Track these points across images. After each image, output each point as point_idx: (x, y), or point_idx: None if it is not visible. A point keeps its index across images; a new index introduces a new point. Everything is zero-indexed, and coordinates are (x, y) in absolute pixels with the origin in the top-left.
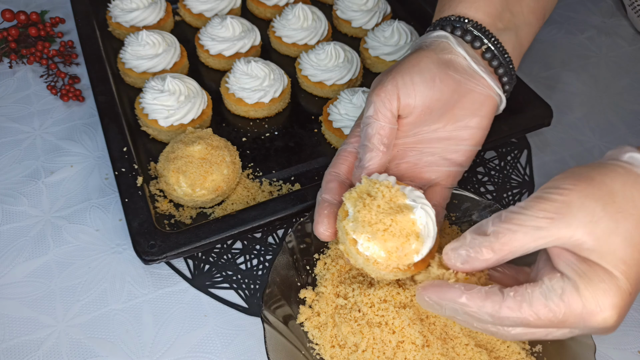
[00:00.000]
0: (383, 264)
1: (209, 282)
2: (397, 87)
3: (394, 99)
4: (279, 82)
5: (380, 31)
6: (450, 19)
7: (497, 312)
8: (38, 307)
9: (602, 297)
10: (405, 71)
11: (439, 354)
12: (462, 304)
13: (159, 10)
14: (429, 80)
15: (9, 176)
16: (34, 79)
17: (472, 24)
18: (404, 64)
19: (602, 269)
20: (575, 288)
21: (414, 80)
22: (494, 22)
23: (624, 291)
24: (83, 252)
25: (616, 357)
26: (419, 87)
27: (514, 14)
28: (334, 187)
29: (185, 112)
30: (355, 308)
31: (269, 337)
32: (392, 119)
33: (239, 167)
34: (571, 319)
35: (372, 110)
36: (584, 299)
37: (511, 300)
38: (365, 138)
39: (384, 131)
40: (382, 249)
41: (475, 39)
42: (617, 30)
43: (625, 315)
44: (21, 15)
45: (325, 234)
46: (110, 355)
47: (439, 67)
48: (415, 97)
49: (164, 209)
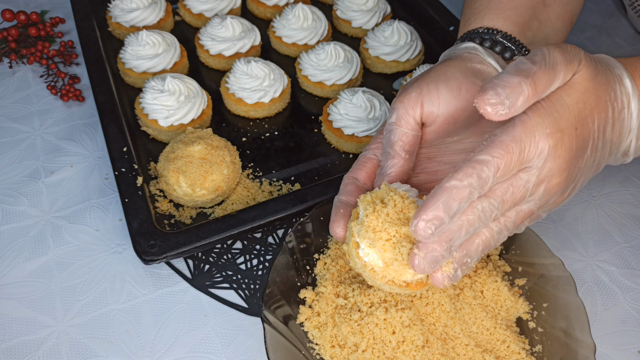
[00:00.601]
0: (379, 274)
1: (209, 282)
2: (422, 95)
3: (418, 106)
4: (279, 82)
5: (380, 31)
6: (479, 31)
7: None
8: (38, 307)
9: (552, 124)
10: (430, 79)
11: (439, 354)
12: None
13: (159, 10)
14: (455, 89)
15: (9, 176)
16: (34, 79)
17: (501, 34)
18: (430, 73)
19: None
20: (523, 123)
21: (439, 88)
22: (522, 31)
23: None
24: (83, 252)
25: (616, 357)
26: (444, 95)
27: (542, 22)
28: (351, 189)
29: (185, 112)
30: (355, 308)
31: (269, 337)
32: (415, 126)
33: (239, 167)
34: (523, 151)
35: (394, 117)
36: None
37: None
38: (388, 145)
39: (407, 138)
40: (381, 258)
41: (505, 49)
42: (617, 30)
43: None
44: (21, 15)
45: (340, 234)
46: (110, 355)
47: (466, 77)
48: (440, 105)
49: (164, 209)
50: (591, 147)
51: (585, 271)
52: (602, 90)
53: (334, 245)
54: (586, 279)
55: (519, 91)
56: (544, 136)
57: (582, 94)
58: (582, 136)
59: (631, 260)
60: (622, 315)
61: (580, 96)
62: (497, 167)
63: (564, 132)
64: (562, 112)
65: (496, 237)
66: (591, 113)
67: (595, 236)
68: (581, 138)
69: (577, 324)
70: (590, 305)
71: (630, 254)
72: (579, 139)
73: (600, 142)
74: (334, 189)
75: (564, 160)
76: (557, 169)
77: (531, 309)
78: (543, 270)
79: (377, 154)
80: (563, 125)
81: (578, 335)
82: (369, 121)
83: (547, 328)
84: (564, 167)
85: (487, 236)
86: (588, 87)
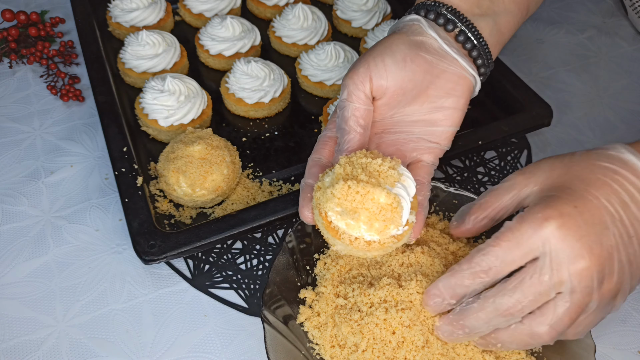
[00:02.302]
0: (347, 237)
1: (209, 282)
2: (369, 69)
3: (367, 81)
4: (279, 82)
5: (380, 31)
6: (426, 4)
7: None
8: (38, 307)
9: (542, 209)
10: (376, 53)
11: (439, 354)
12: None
13: (159, 10)
14: (400, 60)
15: (9, 176)
16: (34, 79)
17: (446, 7)
18: (375, 47)
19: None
20: (520, 216)
21: (385, 61)
22: (470, 8)
23: (567, 208)
24: (83, 252)
25: (616, 357)
26: (390, 67)
27: (493, 2)
28: (316, 171)
29: (185, 112)
30: (355, 308)
31: (269, 337)
32: (366, 100)
33: (239, 167)
34: (522, 238)
35: (346, 94)
36: (528, 216)
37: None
38: (342, 121)
39: (359, 112)
40: (353, 220)
41: (448, 22)
42: (617, 30)
43: (574, 227)
44: (21, 15)
45: (309, 217)
46: (110, 355)
47: (409, 48)
48: (387, 77)
49: (164, 209)
50: (611, 221)
51: None
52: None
53: None
54: None
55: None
56: (540, 221)
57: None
58: (588, 212)
59: None
60: (622, 315)
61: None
62: (495, 256)
63: (563, 213)
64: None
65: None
66: (586, 190)
67: None
68: (588, 214)
69: None
70: None
71: None
72: (585, 215)
73: (624, 215)
74: None
75: (575, 239)
76: (571, 249)
77: None
78: None
79: (335, 132)
80: (563, 208)
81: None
82: None
83: None
84: (580, 246)
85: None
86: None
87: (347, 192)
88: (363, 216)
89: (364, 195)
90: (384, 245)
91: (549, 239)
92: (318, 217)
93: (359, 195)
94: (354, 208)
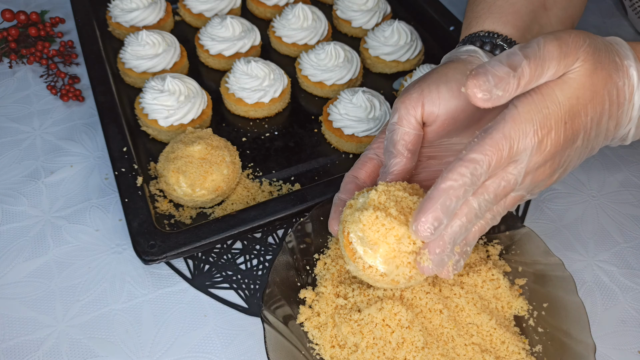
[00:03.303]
0: (375, 272)
1: (209, 282)
2: (423, 95)
3: (419, 106)
4: (279, 82)
5: (380, 31)
6: (479, 35)
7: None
8: (38, 307)
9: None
10: (431, 80)
11: (439, 355)
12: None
13: (159, 10)
14: (455, 89)
15: (9, 176)
16: (34, 79)
17: (501, 38)
18: (431, 74)
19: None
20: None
21: (439, 89)
22: (523, 35)
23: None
24: (83, 252)
25: (616, 357)
26: (444, 95)
27: (543, 26)
28: (351, 188)
29: (185, 112)
30: (355, 308)
31: (269, 337)
32: (416, 125)
33: (239, 167)
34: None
35: (396, 117)
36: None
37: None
38: (390, 144)
39: (409, 137)
40: (381, 257)
41: None
42: (617, 31)
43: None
44: (21, 15)
45: (337, 231)
46: (110, 355)
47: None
48: (440, 105)
49: (164, 209)
50: (582, 137)
51: (586, 271)
52: (601, 84)
53: (334, 245)
54: (586, 279)
55: (505, 83)
56: (532, 133)
57: (576, 90)
58: (571, 129)
59: (631, 260)
60: (622, 315)
61: (573, 92)
62: (488, 164)
63: (551, 127)
64: (552, 109)
65: (490, 222)
66: (584, 107)
67: (595, 236)
68: (570, 132)
69: (577, 324)
70: (590, 305)
71: (630, 254)
72: (568, 133)
73: (593, 132)
74: (334, 189)
75: (550, 153)
76: (543, 160)
77: (531, 309)
78: (543, 270)
79: (378, 153)
80: (552, 121)
81: (578, 335)
82: (369, 121)
83: (547, 328)
84: (549, 158)
85: (482, 224)
86: (584, 82)
87: (373, 222)
88: (382, 249)
89: (388, 229)
90: (395, 283)
91: (528, 149)
92: (341, 233)
93: (383, 228)
94: (376, 239)
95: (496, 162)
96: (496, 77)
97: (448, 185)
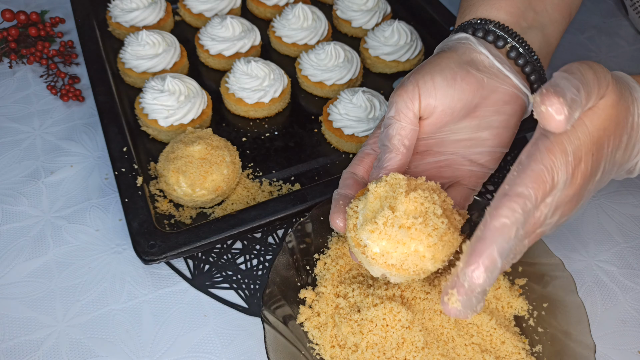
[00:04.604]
0: (380, 259)
1: (209, 282)
2: (418, 87)
3: (415, 99)
4: (279, 82)
5: (380, 31)
6: (472, 22)
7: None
8: (38, 307)
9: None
10: (425, 71)
11: (439, 355)
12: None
13: (159, 10)
14: (450, 79)
15: (9, 176)
16: (34, 79)
17: (494, 24)
18: (424, 65)
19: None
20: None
21: (434, 79)
22: (517, 21)
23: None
24: (83, 252)
25: (616, 357)
26: (440, 85)
27: (538, 12)
28: (350, 183)
29: (185, 112)
30: (355, 308)
31: (269, 337)
32: (413, 119)
33: (239, 167)
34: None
35: (393, 111)
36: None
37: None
38: (386, 138)
39: (405, 132)
40: (390, 245)
41: (498, 38)
42: (617, 30)
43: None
44: (21, 15)
45: (340, 225)
46: (110, 355)
47: (460, 66)
48: (437, 96)
49: (164, 209)
50: (602, 169)
51: (586, 271)
52: (622, 116)
53: (334, 245)
54: (586, 279)
55: (578, 105)
56: (566, 164)
57: (604, 121)
58: (596, 161)
59: (631, 260)
60: (622, 315)
61: (602, 122)
62: (536, 199)
63: (581, 159)
64: (583, 139)
65: (511, 261)
66: (608, 138)
67: (595, 236)
68: (595, 163)
69: (577, 324)
70: (590, 305)
71: (630, 254)
72: (594, 164)
73: (609, 164)
74: (334, 188)
75: (579, 185)
76: (572, 194)
77: (531, 309)
78: (543, 270)
79: (375, 149)
80: (582, 152)
81: (578, 335)
82: (369, 121)
83: (547, 328)
84: (577, 191)
85: (504, 263)
86: (610, 113)
87: (389, 236)
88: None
89: (403, 244)
90: (405, 271)
91: (562, 181)
92: (350, 230)
93: (401, 246)
94: (399, 240)
95: (542, 196)
96: (570, 99)
97: (502, 223)
